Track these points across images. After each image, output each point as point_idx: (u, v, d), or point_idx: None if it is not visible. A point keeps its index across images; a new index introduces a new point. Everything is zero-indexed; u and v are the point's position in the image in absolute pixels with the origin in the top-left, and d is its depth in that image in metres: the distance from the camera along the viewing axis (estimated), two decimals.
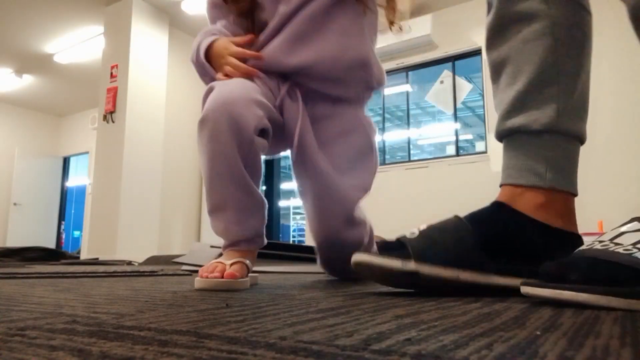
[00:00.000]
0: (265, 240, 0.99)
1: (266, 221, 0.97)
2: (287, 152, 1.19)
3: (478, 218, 0.77)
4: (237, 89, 0.94)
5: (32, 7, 5.19)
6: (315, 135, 1.02)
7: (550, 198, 0.76)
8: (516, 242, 0.75)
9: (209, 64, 1.07)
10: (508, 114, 0.81)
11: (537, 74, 0.79)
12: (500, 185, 0.80)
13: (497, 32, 0.84)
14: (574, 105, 0.83)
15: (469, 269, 0.72)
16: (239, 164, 0.89)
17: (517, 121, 0.79)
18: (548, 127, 0.77)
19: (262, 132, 0.95)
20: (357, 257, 0.77)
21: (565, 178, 0.78)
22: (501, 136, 0.83)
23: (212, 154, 0.89)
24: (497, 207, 0.79)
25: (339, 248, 1.04)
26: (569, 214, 0.77)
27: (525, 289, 0.62)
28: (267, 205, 0.98)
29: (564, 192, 0.78)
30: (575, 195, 0.79)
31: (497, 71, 0.85)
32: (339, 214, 1.01)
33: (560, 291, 0.57)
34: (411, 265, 0.73)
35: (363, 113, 1.16)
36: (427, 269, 0.73)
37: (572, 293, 0.56)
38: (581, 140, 0.82)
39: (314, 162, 0.99)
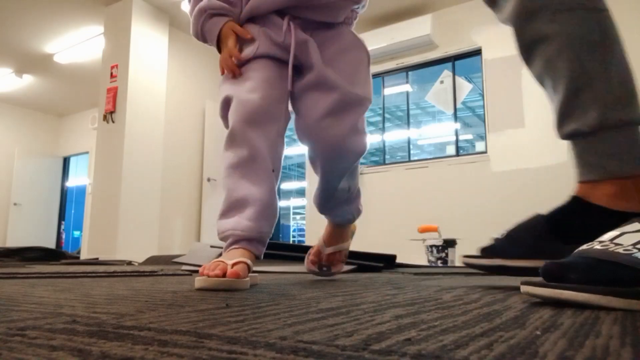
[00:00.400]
0: (263, 252, 1.00)
1: (271, 234, 1.00)
2: (288, 152, 1.21)
3: (558, 212, 0.95)
4: (256, 99, 1.02)
5: (32, 7, 5.19)
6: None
7: (620, 185, 0.84)
8: (593, 231, 0.78)
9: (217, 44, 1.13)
10: (561, 122, 0.91)
11: (571, 85, 0.88)
12: (578, 183, 0.93)
13: (525, 54, 0.96)
14: (615, 95, 0.87)
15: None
16: (269, 167, 1.00)
17: (570, 127, 0.89)
18: (597, 127, 0.84)
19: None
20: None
21: (629, 163, 0.84)
22: (564, 139, 0.94)
23: (241, 159, 0.98)
24: (574, 201, 0.94)
25: (341, 158, 1.12)
26: None
27: (525, 289, 0.62)
28: (277, 219, 1.03)
29: (631, 177, 0.84)
30: None
31: (542, 85, 0.96)
32: (347, 120, 1.08)
33: (560, 291, 0.57)
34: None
35: (354, 32, 1.23)
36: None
37: (572, 293, 0.56)
38: (636, 122, 0.87)
39: (326, 76, 1.07)
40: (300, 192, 17.41)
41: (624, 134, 0.84)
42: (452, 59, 5.20)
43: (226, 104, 1.06)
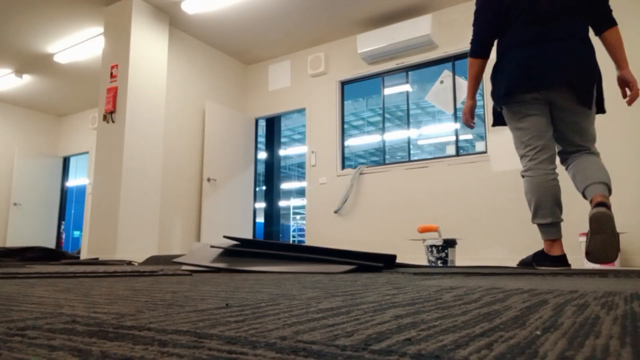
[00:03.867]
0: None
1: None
2: (288, 152, 1.19)
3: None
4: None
5: (32, 8, 5.20)
6: None
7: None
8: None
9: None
10: (532, 219, 2.31)
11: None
12: None
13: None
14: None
15: None
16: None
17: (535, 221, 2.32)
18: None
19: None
20: None
21: (557, 234, 2.30)
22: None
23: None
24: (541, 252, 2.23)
25: None
26: None
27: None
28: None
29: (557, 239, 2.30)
30: None
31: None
32: None
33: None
34: None
35: None
36: None
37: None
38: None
39: None
40: (300, 192, 17.40)
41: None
42: (452, 59, 5.20)
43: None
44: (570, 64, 2.06)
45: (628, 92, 2.67)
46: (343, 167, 5.72)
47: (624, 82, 2.21)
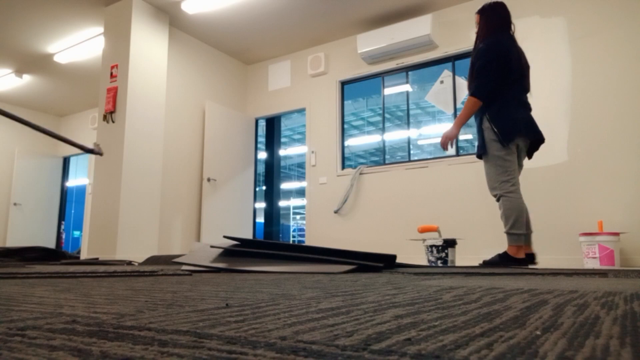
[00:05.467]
0: None
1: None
2: (288, 152, 1.19)
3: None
4: None
5: (32, 8, 5.20)
6: None
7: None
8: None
9: None
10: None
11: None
12: None
13: None
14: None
15: None
16: None
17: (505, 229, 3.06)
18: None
19: None
20: None
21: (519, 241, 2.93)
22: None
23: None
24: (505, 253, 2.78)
25: None
26: None
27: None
28: None
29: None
30: None
31: None
32: None
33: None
34: None
35: None
36: None
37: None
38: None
39: None
40: (300, 192, 17.40)
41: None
42: (452, 59, 5.20)
43: None
44: (536, 127, 2.93)
45: None
46: (343, 167, 5.72)
47: None
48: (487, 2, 3.03)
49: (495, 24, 2.90)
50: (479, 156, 2.93)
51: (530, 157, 2.98)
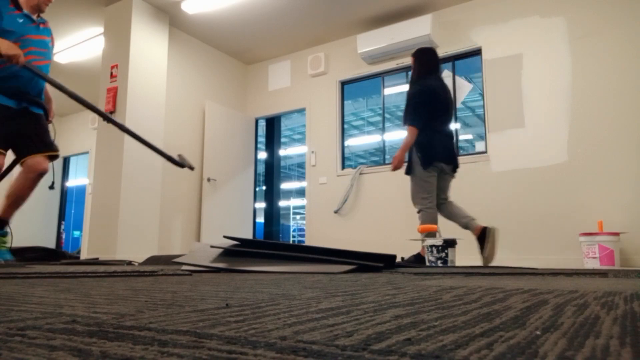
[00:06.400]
0: None
1: None
2: (288, 152, 1.19)
3: None
4: None
5: None
6: None
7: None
8: None
9: None
10: None
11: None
12: None
13: None
14: None
15: None
16: None
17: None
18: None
19: None
20: None
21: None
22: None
23: None
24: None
25: None
26: None
27: None
28: None
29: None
30: None
31: None
32: None
33: None
34: None
35: None
36: None
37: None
38: None
39: None
40: (300, 192, 17.40)
41: None
42: (452, 59, 5.20)
43: None
44: (454, 152, 3.52)
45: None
46: (343, 167, 5.72)
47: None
48: (419, 48, 3.63)
49: (426, 67, 3.49)
50: (408, 174, 3.49)
51: (453, 172, 3.56)
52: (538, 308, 0.56)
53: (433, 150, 3.35)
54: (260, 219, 6.99)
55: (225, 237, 2.34)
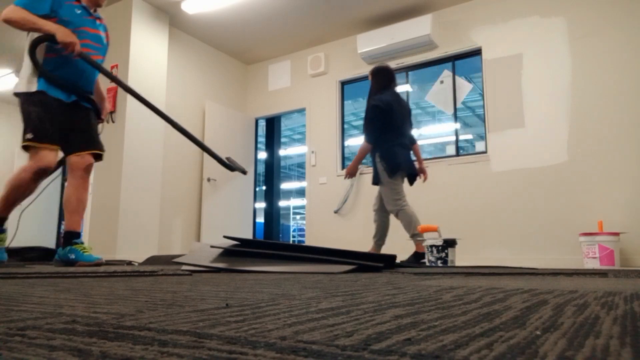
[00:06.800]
0: None
1: None
2: (288, 152, 1.19)
3: None
4: None
5: None
6: None
7: None
8: None
9: None
10: None
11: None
12: None
13: None
14: None
15: None
16: None
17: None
18: None
19: None
20: None
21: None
22: None
23: None
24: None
25: None
26: None
27: None
28: None
29: None
30: None
31: None
32: None
33: None
34: None
35: None
36: None
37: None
38: None
39: None
40: (300, 192, 17.40)
41: None
42: (452, 59, 5.20)
43: None
44: (412, 164, 3.80)
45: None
46: (343, 167, 5.72)
47: (422, 171, 3.89)
48: (376, 65, 3.87)
49: (381, 84, 3.72)
50: (375, 184, 3.71)
51: (411, 184, 3.87)
52: (538, 308, 0.56)
53: (397, 161, 3.63)
54: (260, 219, 6.99)
55: (225, 237, 2.34)
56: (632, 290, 0.91)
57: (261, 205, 7.04)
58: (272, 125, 6.92)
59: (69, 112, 2.73)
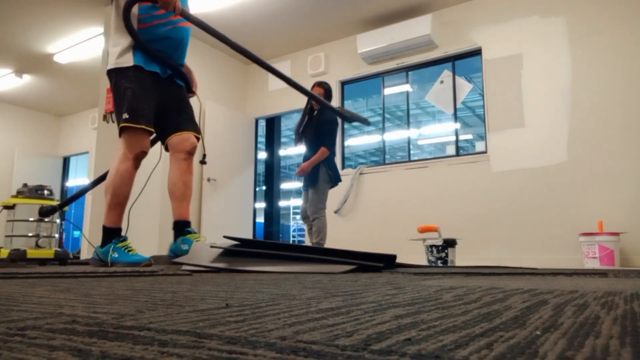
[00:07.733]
0: None
1: None
2: (288, 152, 1.19)
3: None
4: None
5: (32, 7, 5.20)
6: None
7: None
8: None
9: None
10: None
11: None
12: None
13: None
14: None
15: None
16: None
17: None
18: None
19: None
20: None
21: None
22: None
23: None
24: None
25: None
26: None
27: None
28: None
29: None
30: None
31: None
32: None
33: None
34: None
35: None
36: None
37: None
38: None
39: None
40: (301, 192, 17.40)
41: None
42: (452, 59, 5.20)
43: None
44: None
45: None
46: (343, 167, 5.71)
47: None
48: (319, 81, 4.27)
49: (329, 98, 4.07)
50: (309, 186, 3.99)
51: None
52: (538, 308, 0.56)
53: (338, 172, 4.07)
54: (260, 219, 6.99)
55: (225, 237, 2.34)
56: (632, 290, 0.91)
57: (261, 205, 7.04)
58: (272, 125, 6.92)
59: (164, 89, 2.53)
